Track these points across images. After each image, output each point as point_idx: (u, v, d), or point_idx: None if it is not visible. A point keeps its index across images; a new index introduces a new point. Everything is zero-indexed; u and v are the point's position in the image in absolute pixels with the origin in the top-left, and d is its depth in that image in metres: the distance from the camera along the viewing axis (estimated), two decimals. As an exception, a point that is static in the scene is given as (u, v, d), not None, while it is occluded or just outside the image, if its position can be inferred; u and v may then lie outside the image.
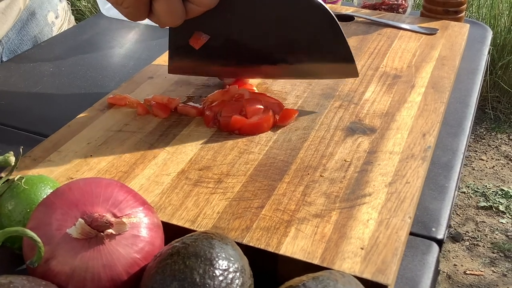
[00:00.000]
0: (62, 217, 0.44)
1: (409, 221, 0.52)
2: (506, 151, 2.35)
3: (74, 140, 0.62)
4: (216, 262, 0.41)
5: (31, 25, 0.95)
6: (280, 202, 0.53)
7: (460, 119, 0.73)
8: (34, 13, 0.95)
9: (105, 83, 0.81)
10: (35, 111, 0.74)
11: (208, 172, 0.57)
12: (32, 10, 0.95)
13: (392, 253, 0.48)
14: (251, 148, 0.61)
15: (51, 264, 0.43)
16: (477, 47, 0.92)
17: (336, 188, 0.55)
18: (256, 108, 0.65)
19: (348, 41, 0.86)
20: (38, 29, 0.96)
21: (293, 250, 0.48)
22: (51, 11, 1.00)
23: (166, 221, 0.51)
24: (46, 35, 0.98)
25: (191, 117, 0.67)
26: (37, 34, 0.96)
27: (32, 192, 0.49)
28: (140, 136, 0.63)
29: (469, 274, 1.76)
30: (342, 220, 0.51)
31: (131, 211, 0.45)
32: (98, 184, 0.47)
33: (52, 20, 0.99)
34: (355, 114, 0.68)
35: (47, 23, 0.98)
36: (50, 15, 0.99)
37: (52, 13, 1.00)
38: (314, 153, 0.61)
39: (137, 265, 0.44)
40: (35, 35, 0.96)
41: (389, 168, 0.58)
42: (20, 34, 0.94)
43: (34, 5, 0.96)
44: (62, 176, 0.57)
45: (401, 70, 0.78)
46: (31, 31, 0.95)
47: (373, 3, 1.01)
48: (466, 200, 2.08)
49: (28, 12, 0.95)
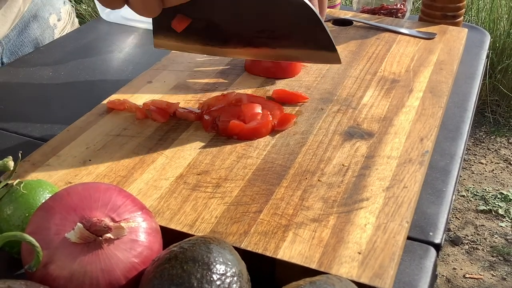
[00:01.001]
0: (61, 222, 0.44)
1: (407, 225, 0.52)
2: (505, 154, 2.35)
3: (73, 144, 0.62)
4: (213, 267, 0.41)
5: (33, 27, 0.95)
6: (278, 207, 0.53)
7: (458, 123, 0.73)
8: (36, 16, 0.96)
9: (104, 87, 0.81)
10: (34, 115, 0.75)
11: (206, 177, 0.58)
12: (34, 12, 0.96)
13: (389, 257, 0.48)
14: (250, 152, 0.62)
15: (50, 269, 0.43)
16: (475, 52, 0.93)
17: (334, 193, 0.55)
18: (255, 113, 0.65)
19: (347, 45, 0.87)
20: (40, 32, 0.96)
21: (290, 255, 0.48)
22: (54, 14, 1.00)
23: (165, 226, 0.51)
24: (48, 37, 0.99)
25: (189, 121, 0.67)
26: (38, 36, 0.97)
27: (31, 197, 0.49)
28: (139, 140, 0.64)
29: (468, 277, 1.76)
30: (339, 225, 0.51)
31: (130, 216, 0.46)
32: (97, 189, 0.47)
33: (54, 23, 1.00)
34: (353, 118, 0.68)
35: (49, 25, 0.99)
36: (52, 18, 0.99)
37: (54, 16, 1.00)
38: (312, 157, 0.61)
39: (135, 269, 0.44)
40: (36, 37, 0.96)
41: (387, 172, 0.58)
42: (21, 36, 0.94)
43: (36, 7, 0.97)
44: (61, 181, 0.57)
45: (399, 74, 0.78)
46: (32, 33, 0.95)
47: (372, 8, 1.02)
48: (466, 203, 2.08)
49: (29, 14, 0.95)
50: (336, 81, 0.77)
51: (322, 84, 0.76)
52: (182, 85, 0.75)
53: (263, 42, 0.68)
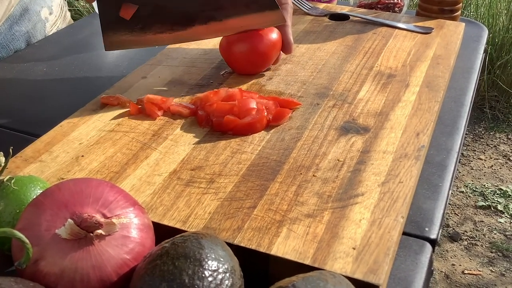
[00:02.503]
0: (52, 218, 0.44)
1: (402, 220, 0.51)
2: (504, 150, 2.34)
3: (65, 140, 0.62)
4: (205, 263, 0.40)
5: (24, 20, 0.94)
6: (272, 202, 0.53)
7: (455, 118, 0.73)
8: (27, 9, 0.95)
9: (99, 82, 0.81)
10: (28, 111, 0.74)
11: (200, 172, 0.57)
12: (25, 6, 0.95)
13: (384, 253, 0.47)
14: (244, 148, 0.61)
15: (40, 265, 0.42)
16: (472, 46, 0.92)
17: (328, 188, 0.55)
18: (249, 108, 0.64)
19: (343, 40, 0.87)
20: (31, 25, 0.96)
21: (284, 251, 0.47)
22: (45, 7, 0.99)
23: (157, 222, 0.51)
24: (39, 31, 0.98)
25: (184, 117, 0.67)
26: (30, 30, 0.96)
27: (22, 193, 0.49)
28: (133, 136, 0.63)
29: (467, 273, 1.76)
30: (334, 220, 0.51)
31: (122, 212, 0.45)
32: (88, 185, 0.46)
33: (45, 16, 0.99)
34: (349, 113, 0.67)
35: (40, 19, 0.98)
36: (43, 11, 0.99)
37: (46, 9, 0.99)
38: (307, 152, 0.60)
39: (126, 266, 0.43)
40: (27, 30, 0.95)
41: (382, 167, 0.58)
42: (12, 29, 0.93)
43: (27, 1, 0.96)
44: (53, 177, 0.56)
45: (395, 69, 0.78)
46: (23, 26, 0.95)
47: (369, 2, 1.01)
48: (465, 199, 2.07)
49: (21, 8, 0.94)
50: (332, 75, 0.76)
51: (318, 79, 0.75)
52: (177, 81, 0.75)
53: (209, 15, 0.71)
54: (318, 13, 0.95)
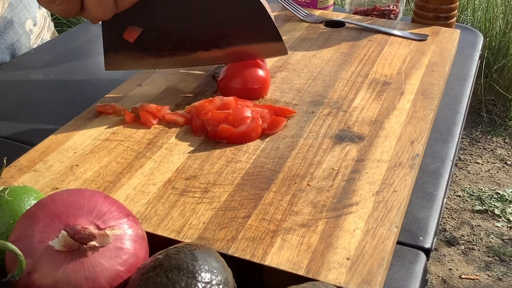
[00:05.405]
0: (45, 229, 0.44)
1: (396, 230, 0.51)
2: (501, 154, 2.35)
3: (60, 149, 0.62)
4: (198, 275, 0.40)
5: (9, 33, 0.94)
6: (266, 212, 0.53)
7: (450, 125, 0.73)
8: (11, 21, 0.94)
9: (94, 90, 0.81)
10: (23, 119, 0.74)
11: (195, 182, 0.57)
12: (10, 18, 0.94)
13: (378, 263, 0.47)
14: (239, 156, 0.61)
15: (33, 277, 0.42)
16: (467, 53, 0.92)
17: (323, 197, 0.55)
18: (244, 117, 0.64)
19: (339, 47, 0.87)
20: (16, 37, 0.95)
21: (278, 261, 0.47)
22: (29, 19, 0.98)
23: (152, 232, 0.51)
24: (24, 43, 0.97)
25: (179, 125, 0.67)
26: (15, 42, 0.95)
27: (16, 204, 0.48)
28: (127, 144, 0.63)
29: (464, 278, 1.76)
30: (328, 230, 0.51)
31: (115, 223, 0.45)
32: (82, 196, 0.46)
33: (30, 28, 0.98)
34: (343, 121, 0.67)
35: (25, 31, 0.97)
36: (28, 23, 0.98)
37: (30, 21, 0.98)
38: (301, 161, 0.60)
39: (120, 277, 0.43)
40: (12, 43, 0.94)
41: (377, 176, 0.58)
42: None
43: (12, 13, 0.95)
44: (47, 187, 0.56)
45: (390, 76, 0.78)
46: (8, 39, 0.94)
47: (365, 9, 1.01)
48: (462, 203, 2.07)
49: (5, 21, 0.93)
50: (327, 83, 0.76)
51: (313, 86, 0.75)
52: (172, 89, 0.75)
53: (212, 43, 0.71)
54: (314, 20, 0.96)
